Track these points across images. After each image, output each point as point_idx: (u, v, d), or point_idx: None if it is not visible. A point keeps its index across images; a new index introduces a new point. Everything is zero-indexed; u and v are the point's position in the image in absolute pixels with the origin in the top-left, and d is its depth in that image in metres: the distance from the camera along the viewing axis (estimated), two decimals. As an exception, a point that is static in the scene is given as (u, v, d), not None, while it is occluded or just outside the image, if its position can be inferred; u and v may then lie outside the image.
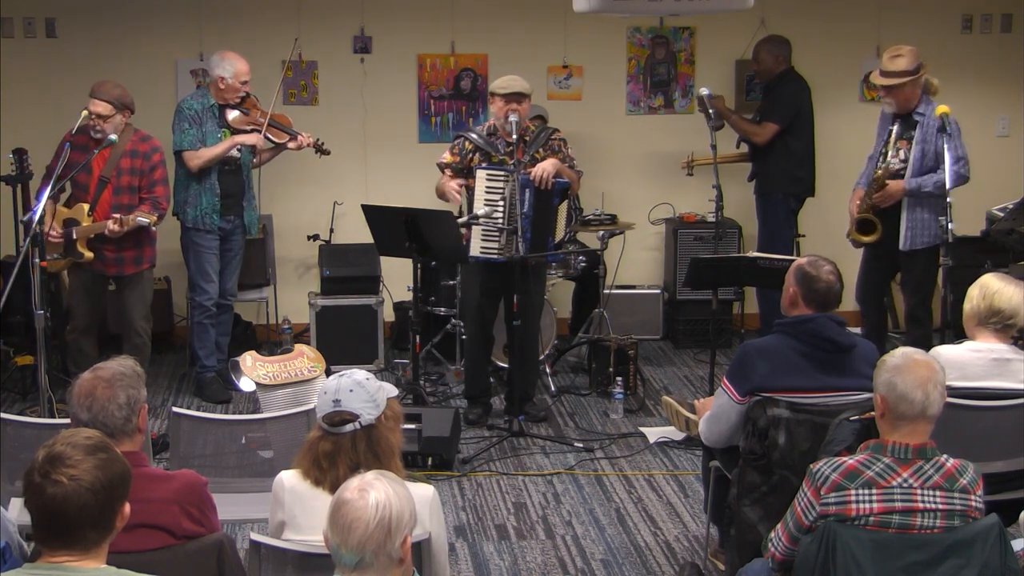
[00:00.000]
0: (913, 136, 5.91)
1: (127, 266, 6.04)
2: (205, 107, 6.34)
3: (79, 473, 2.35)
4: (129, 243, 5.97)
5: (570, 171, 6.00)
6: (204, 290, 6.44)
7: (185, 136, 6.29)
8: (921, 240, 5.96)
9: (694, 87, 7.78)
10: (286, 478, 3.09)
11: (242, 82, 6.35)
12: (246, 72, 6.37)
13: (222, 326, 6.64)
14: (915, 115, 5.93)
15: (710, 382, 5.93)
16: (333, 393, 3.02)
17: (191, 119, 6.30)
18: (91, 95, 5.85)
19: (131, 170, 5.93)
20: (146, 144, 6.01)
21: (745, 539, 3.78)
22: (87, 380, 3.05)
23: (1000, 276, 4.04)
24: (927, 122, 5.88)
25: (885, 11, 7.87)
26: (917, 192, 5.88)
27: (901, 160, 5.96)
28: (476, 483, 5.41)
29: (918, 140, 5.89)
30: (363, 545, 2.43)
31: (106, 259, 5.97)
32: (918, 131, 5.91)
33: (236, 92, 6.37)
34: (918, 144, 5.89)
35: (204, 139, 6.30)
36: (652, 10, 6.58)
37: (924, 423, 3.03)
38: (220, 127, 6.37)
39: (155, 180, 5.99)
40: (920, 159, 5.88)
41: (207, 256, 6.43)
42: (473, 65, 7.71)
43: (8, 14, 7.24)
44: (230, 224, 6.47)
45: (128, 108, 5.94)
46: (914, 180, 5.88)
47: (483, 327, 6.15)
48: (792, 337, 3.80)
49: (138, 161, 5.95)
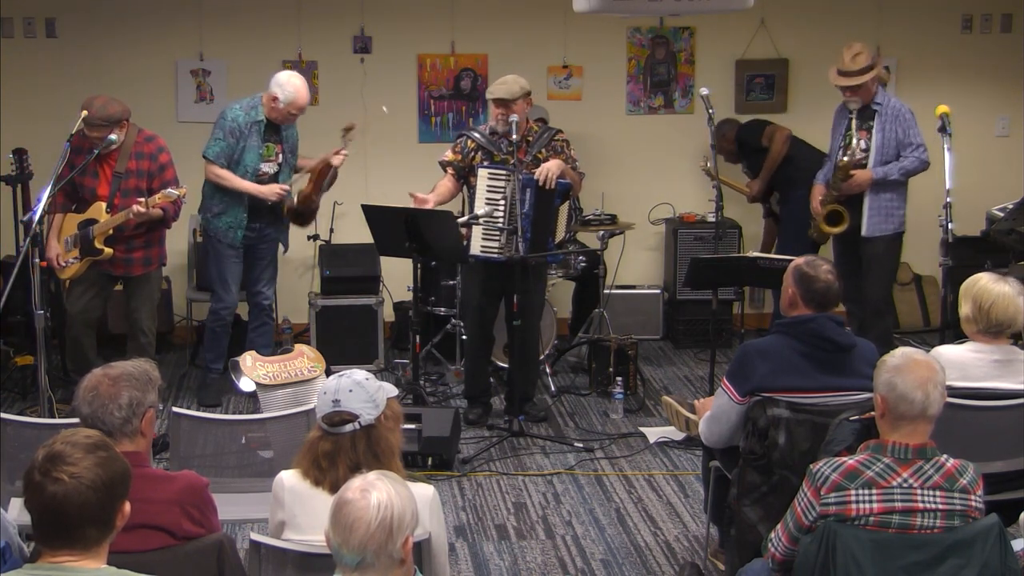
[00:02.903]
0: (872, 125, 6.15)
1: (135, 267, 5.96)
2: (252, 121, 6.16)
3: (79, 471, 2.35)
4: (139, 243, 5.90)
5: (573, 172, 6.00)
6: (220, 298, 6.36)
7: (214, 145, 6.15)
8: (884, 227, 6.23)
9: (694, 87, 7.79)
10: (286, 478, 3.08)
11: (292, 113, 6.18)
12: (301, 107, 6.18)
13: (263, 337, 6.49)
14: (873, 105, 6.19)
15: (710, 382, 5.93)
16: (333, 393, 3.02)
17: (229, 131, 6.13)
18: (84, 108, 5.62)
19: (137, 172, 5.82)
20: (151, 144, 5.88)
21: (745, 539, 3.78)
22: (95, 375, 3.05)
23: (994, 279, 3.97)
24: (885, 111, 6.16)
25: (885, 11, 7.88)
26: (884, 180, 6.16)
27: (863, 149, 6.19)
28: (476, 483, 5.41)
29: (878, 128, 6.16)
30: (364, 545, 2.43)
31: (114, 259, 5.85)
32: (877, 120, 6.17)
33: (284, 119, 6.22)
34: (878, 132, 6.15)
35: (243, 153, 6.16)
36: (652, 10, 6.58)
37: (924, 423, 3.03)
38: (264, 142, 6.22)
39: (167, 180, 5.85)
40: (881, 147, 6.16)
41: (228, 265, 6.32)
42: (473, 65, 7.71)
43: (8, 14, 7.25)
44: (255, 232, 6.34)
45: (122, 121, 5.71)
46: (880, 168, 6.15)
47: (483, 327, 6.15)
48: (792, 337, 3.80)
49: (144, 163, 5.84)
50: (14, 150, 6.36)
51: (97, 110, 5.63)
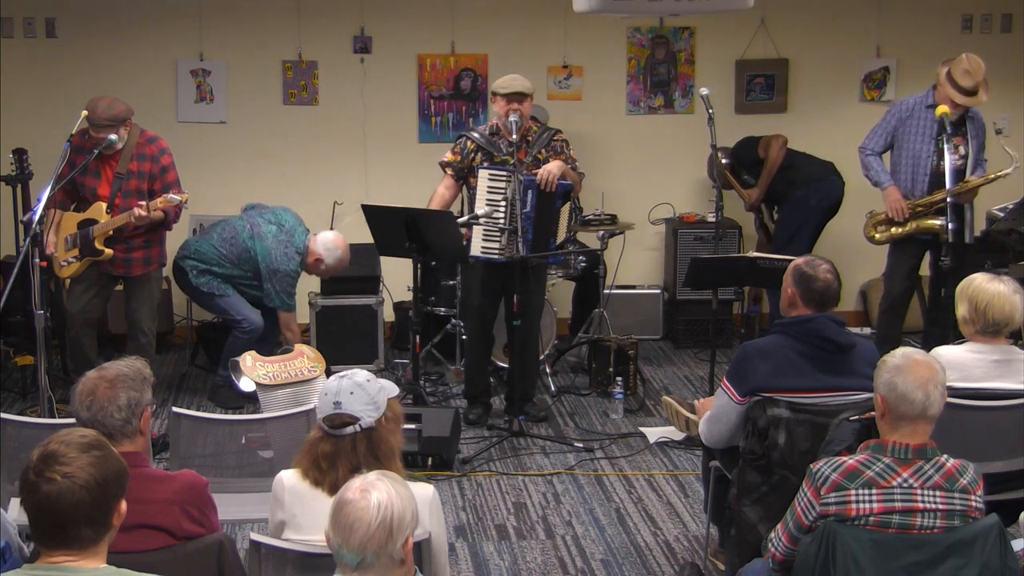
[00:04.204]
0: (965, 131, 6.10)
1: (135, 267, 5.98)
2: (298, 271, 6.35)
3: (73, 470, 2.35)
4: (139, 243, 5.92)
5: (573, 173, 6.01)
6: (247, 317, 6.28)
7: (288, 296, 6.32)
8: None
9: (694, 87, 7.79)
10: (286, 478, 3.08)
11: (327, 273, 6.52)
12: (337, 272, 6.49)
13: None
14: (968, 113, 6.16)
15: (710, 382, 5.94)
16: (334, 395, 3.01)
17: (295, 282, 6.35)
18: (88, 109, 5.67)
19: (139, 173, 5.84)
20: (153, 146, 5.90)
21: (745, 539, 3.78)
22: (90, 379, 3.05)
23: (989, 278, 3.98)
24: (976, 118, 6.17)
25: (885, 11, 7.87)
26: None
27: (961, 155, 6.09)
28: (476, 483, 5.41)
29: (972, 135, 6.13)
30: (364, 546, 2.43)
31: (114, 259, 5.88)
32: (970, 127, 6.13)
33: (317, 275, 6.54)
34: (973, 139, 6.14)
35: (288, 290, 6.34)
36: (652, 10, 6.58)
37: (924, 423, 3.03)
38: None
39: (169, 182, 5.88)
40: (976, 153, 6.17)
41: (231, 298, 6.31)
42: (473, 65, 7.71)
43: (8, 14, 7.24)
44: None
45: (124, 121, 5.76)
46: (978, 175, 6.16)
47: (483, 327, 6.15)
48: (792, 337, 3.80)
49: (146, 164, 5.85)
50: (14, 150, 6.36)
51: (103, 110, 5.69)
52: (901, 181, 6.24)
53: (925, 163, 6.16)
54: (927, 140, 6.16)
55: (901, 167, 6.26)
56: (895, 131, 6.25)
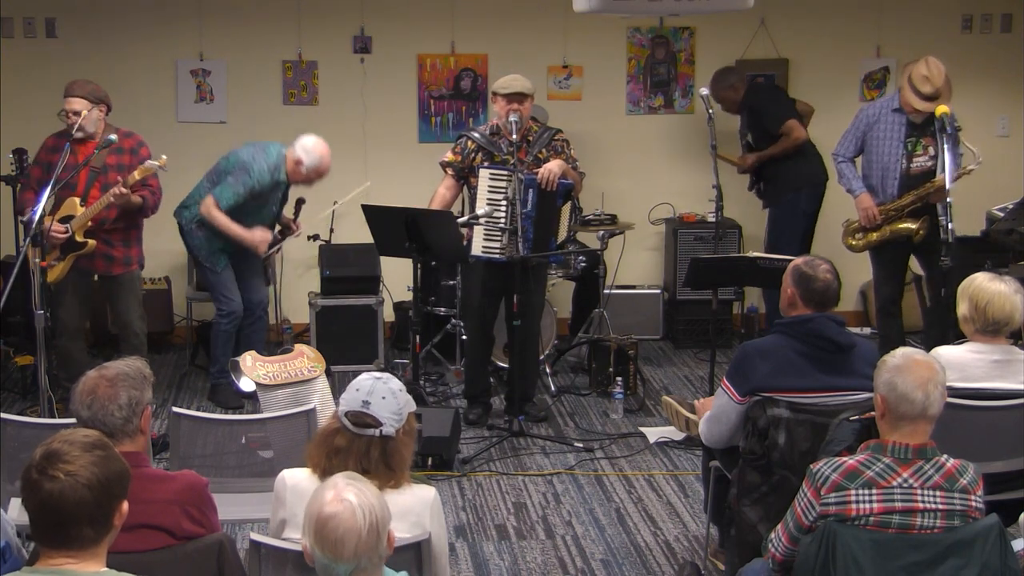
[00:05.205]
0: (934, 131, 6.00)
1: (116, 266, 5.94)
2: (276, 181, 6.15)
3: (75, 469, 2.34)
4: (117, 239, 5.89)
5: (573, 172, 6.01)
6: (229, 299, 6.28)
7: (231, 196, 6.06)
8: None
9: (694, 87, 7.79)
10: (288, 476, 3.08)
11: (312, 178, 6.20)
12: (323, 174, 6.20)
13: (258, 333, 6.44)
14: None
15: (710, 382, 5.94)
16: (365, 393, 2.99)
17: (250, 190, 6.07)
18: (65, 95, 5.71)
19: (117, 166, 5.82)
20: (131, 140, 5.89)
21: (745, 539, 3.78)
22: (91, 378, 3.04)
23: (989, 278, 3.98)
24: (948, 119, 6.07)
25: (885, 11, 7.88)
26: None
27: (931, 156, 6.08)
28: (476, 483, 5.41)
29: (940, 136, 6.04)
30: (358, 554, 2.42)
31: (94, 254, 5.83)
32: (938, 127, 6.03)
33: (303, 182, 6.24)
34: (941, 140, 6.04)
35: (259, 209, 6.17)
36: (652, 10, 6.58)
37: (924, 423, 3.03)
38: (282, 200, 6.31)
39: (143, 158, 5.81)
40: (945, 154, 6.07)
41: (220, 276, 6.29)
42: (473, 65, 7.71)
43: (8, 14, 7.25)
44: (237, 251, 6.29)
45: (103, 102, 5.80)
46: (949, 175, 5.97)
47: (483, 327, 6.15)
48: (792, 337, 3.80)
49: (125, 157, 5.84)
50: (14, 150, 6.36)
51: (81, 85, 5.75)
52: (872, 186, 6.26)
53: (895, 167, 6.18)
54: (895, 144, 6.18)
55: (872, 172, 6.28)
56: (864, 136, 6.28)
